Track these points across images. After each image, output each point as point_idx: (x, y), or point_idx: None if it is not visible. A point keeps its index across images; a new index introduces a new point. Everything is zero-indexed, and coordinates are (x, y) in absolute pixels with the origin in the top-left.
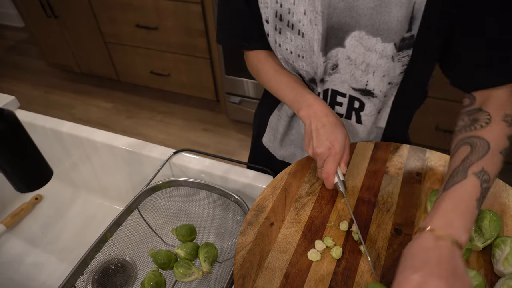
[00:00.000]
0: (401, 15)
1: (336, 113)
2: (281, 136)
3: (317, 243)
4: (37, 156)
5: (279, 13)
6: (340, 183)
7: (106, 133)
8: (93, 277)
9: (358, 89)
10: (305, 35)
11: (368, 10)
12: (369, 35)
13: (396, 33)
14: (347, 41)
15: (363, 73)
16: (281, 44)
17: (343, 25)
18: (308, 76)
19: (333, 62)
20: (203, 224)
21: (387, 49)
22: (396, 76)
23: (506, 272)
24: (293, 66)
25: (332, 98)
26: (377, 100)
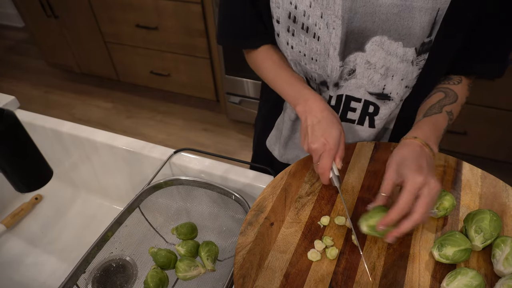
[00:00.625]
0: (424, 20)
1: (348, 119)
2: (285, 139)
3: (316, 243)
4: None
5: (293, 14)
6: (335, 178)
7: (106, 133)
8: (94, 276)
9: (375, 94)
10: (321, 38)
11: (391, 15)
12: (391, 39)
13: (418, 38)
14: (367, 45)
15: (381, 77)
16: (294, 46)
17: (364, 30)
18: (320, 79)
19: (350, 67)
20: (204, 222)
21: (408, 53)
22: (412, 79)
23: (506, 272)
24: (305, 68)
25: (345, 104)
26: (393, 104)
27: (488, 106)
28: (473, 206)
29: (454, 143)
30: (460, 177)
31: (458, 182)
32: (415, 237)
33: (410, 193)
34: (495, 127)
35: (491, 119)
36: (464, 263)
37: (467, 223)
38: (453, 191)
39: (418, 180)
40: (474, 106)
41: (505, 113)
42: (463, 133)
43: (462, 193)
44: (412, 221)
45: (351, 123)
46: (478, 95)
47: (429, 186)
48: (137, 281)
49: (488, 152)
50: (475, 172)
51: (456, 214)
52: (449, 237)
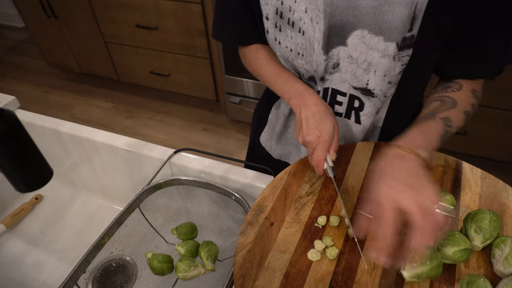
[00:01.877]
0: (403, 14)
1: (335, 112)
2: (278, 135)
3: (316, 243)
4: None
5: (280, 10)
6: (330, 169)
7: (106, 133)
8: (95, 276)
9: (359, 88)
10: (306, 33)
11: (371, 9)
12: (371, 34)
13: (399, 32)
14: (349, 39)
15: (364, 72)
16: (281, 42)
17: (345, 24)
18: (308, 74)
19: (334, 61)
20: (204, 222)
21: (389, 48)
22: (395, 75)
23: (506, 272)
24: (293, 64)
25: (332, 97)
26: (377, 100)
27: (488, 106)
28: (473, 206)
29: (454, 143)
30: (460, 177)
31: (458, 182)
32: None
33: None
34: (495, 127)
35: (491, 119)
36: (464, 263)
37: (467, 223)
38: (453, 191)
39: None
40: None
41: (505, 113)
42: (463, 133)
43: (462, 193)
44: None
45: (338, 117)
46: None
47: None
48: (137, 281)
49: (488, 152)
50: (475, 172)
51: (456, 214)
52: (449, 237)
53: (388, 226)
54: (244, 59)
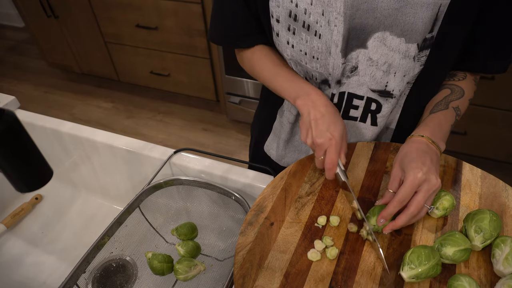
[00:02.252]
0: (426, 16)
1: (349, 116)
2: (284, 143)
3: (316, 243)
4: (37, 156)
5: (294, 13)
6: (342, 173)
7: (106, 133)
8: (95, 276)
9: (377, 91)
10: (322, 36)
11: (393, 11)
12: (393, 35)
13: (420, 33)
14: (369, 42)
15: (384, 74)
16: (295, 45)
17: (365, 26)
18: (321, 77)
19: (352, 64)
20: (204, 222)
21: (410, 49)
22: (414, 75)
23: (506, 272)
24: (305, 67)
25: (348, 102)
26: (394, 100)
27: (488, 106)
28: (473, 206)
29: (454, 143)
30: (460, 177)
31: (458, 182)
32: (415, 237)
33: (409, 187)
34: (495, 127)
35: (491, 119)
36: (463, 263)
37: (467, 223)
38: (453, 191)
39: (418, 175)
40: (474, 106)
41: (505, 113)
42: (463, 133)
43: (462, 193)
44: (407, 214)
45: (353, 121)
46: (478, 95)
47: (429, 183)
48: (137, 281)
49: (488, 152)
50: (475, 172)
51: (456, 214)
52: (449, 237)
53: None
54: (244, 61)
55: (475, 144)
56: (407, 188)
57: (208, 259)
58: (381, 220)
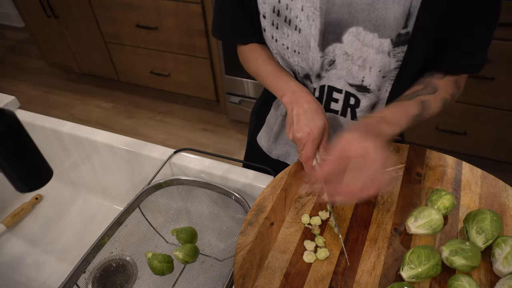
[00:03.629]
0: (398, 11)
1: (331, 110)
2: (275, 135)
3: (306, 243)
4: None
5: (277, 8)
6: (318, 166)
7: (106, 133)
8: (95, 276)
9: (354, 85)
10: (302, 30)
11: (366, 6)
12: (366, 30)
13: (393, 29)
14: (344, 36)
15: (359, 69)
16: (278, 40)
17: (340, 21)
18: (303, 72)
19: (330, 58)
20: (204, 222)
21: (384, 44)
22: (390, 71)
23: (505, 272)
24: (288, 62)
25: (328, 95)
26: (372, 95)
27: (488, 106)
28: (473, 206)
29: (454, 143)
30: (460, 177)
31: (458, 182)
32: (415, 237)
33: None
34: (495, 127)
35: (491, 119)
36: None
37: (467, 223)
38: (453, 191)
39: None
40: (474, 106)
41: (505, 113)
42: (463, 133)
43: (462, 193)
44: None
45: (335, 114)
46: (478, 95)
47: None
48: (137, 281)
49: (488, 152)
50: (475, 172)
51: (456, 214)
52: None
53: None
54: (242, 57)
55: (475, 144)
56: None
57: (208, 259)
58: None
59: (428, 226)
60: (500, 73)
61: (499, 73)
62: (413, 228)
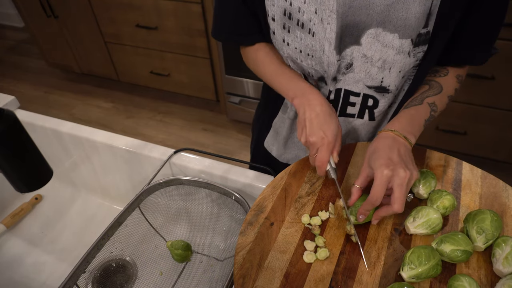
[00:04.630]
0: (419, 11)
1: (346, 114)
2: (284, 139)
3: (306, 243)
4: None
5: (288, 11)
6: (332, 171)
7: (106, 133)
8: (94, 276)
9: (373, 87)
10: (316, 34)
11: (385, 7)
12: (386, 31)
13: (414, 29)
14: (363, 39)
15: (379, 70)
16: (290, 43)
17: (358, 23)
18: (317, 75)
19: (347, 61)
20: (204, 222)
21: (404, 45)
22: (409, 70)
23: (505, 272)
24: (301, 65)
25: (344, 99)
26: (391, 95)
27: (488, 106)
28: (473, 206)
29: (454, 143)
30: (460, 177)
31: (458, 182)
32: (415, 237)
33: (378, 186)
34: (495, 127)
35: (491, 119)
36: (464, 263)
37: (468, 223)
38: (453, 191)
39: (384, 172)
40: (474, 106)
41: (505, 113)
42: (463, 133)
43: (462, 193)
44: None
45: (350, 118)
46: (478, 95)
47: (399, 176)
48: (137, 281)
49: (488, 152)
50: (475, 172)
51: (456, 214)
52: (451, 236)
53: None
54: (246, 57)
55: (475, 144)
56: (376, 188)
57: (208, 259)
58: (360, 216)
59: (426, 225)
60: (500, 73)
61: (499, 73)
62: (412, 228)
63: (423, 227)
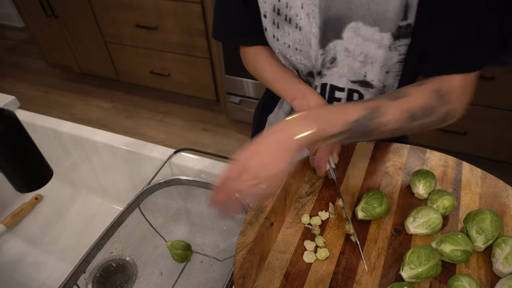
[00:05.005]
0: (396, 3)
1: None
2: None
3: (306, 243)
4: (37, 156)
5: (277, 7)
6: (332, 171)
7: (106, 133)
8: (95, 276)
9: (357, 81)
10: (302, 28)
11: (365, 0)
12: (366, 25)
13: (393, 22)
14: (344, 33)
15: (361, 65)
16: (279, 38)
17: (340, 17)
18: (306, 69)
19: (331, 55)
20: (204, 222)
21: (384, 38)
22: (393, 65)
23: (505, 272)
24: (290, 60)
25: (330, 94)
26: (376, 90)
27: (488, 106)
28: (473, 206)
29: (454, 143)
30: (460, 177)
31: (458, 182)
32: (415, 237)
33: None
34: (495, 127)
35: (491, 119)
36: (464, 263)
37: (467, 223)
38: (453, 191)
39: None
40: (474, 106)
41: (505, 113)
42: (463, 133)
43: (462, 193)
44: None
45: None
46: (478, 95)
47: None
48: (137, 281)
49: (488, 152)
50: (475, 172)
51: (456, 214)
52: (451, 235)
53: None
54: (245, 59)
55: (475, 144)
56: None
57: (208, 259)
58: None
59: (426, 225)
60: (500, 73)
61: (499, 73)
62: (412, 228)
63: (423, 227)
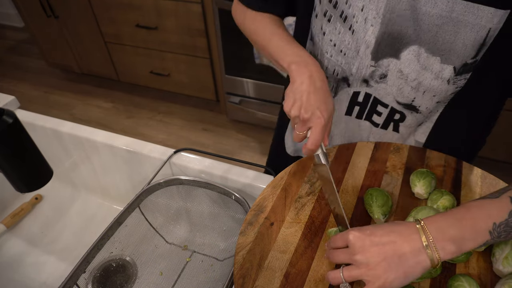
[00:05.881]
0: (469, 39)
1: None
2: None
3: None
4: (37, 156)
5: None
6: (323, 156)
7: (106, 133)
8: (95, 276)
9: (403, 104)
10: (355, 32)
11: (434, 27)
12: (428, 53)
13: (459, 57)
14: (403, 54)
15: (412, 90)
16: (326, 33)
17: (402, 35)
18: (342, 74)
19: (382, 71)
20: (204, 222)
21: (445, 71)
22: (447, 96)
23: (505, 272)
24: (329, 59)
25: (372, 106)
26: (420, 116)
27: None
28: None
29: None
30: (460, 177)
31: (458, 182)
32: None
33: None
34: (495, 127)
35: None
36: (464, 263)
37: None
38: (453, 191)
39: None
40: None
41: (505, 113)
42: None
43: (462, 193)
44: None
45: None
46: None
47: None
48: (137, 281)
49: (488, 152)
50: (475, 172)
51: None
52: None
53: None
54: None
55: None
56: None
57: (208, 259)
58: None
59: None
60: None
61: None
62: None
63: None
